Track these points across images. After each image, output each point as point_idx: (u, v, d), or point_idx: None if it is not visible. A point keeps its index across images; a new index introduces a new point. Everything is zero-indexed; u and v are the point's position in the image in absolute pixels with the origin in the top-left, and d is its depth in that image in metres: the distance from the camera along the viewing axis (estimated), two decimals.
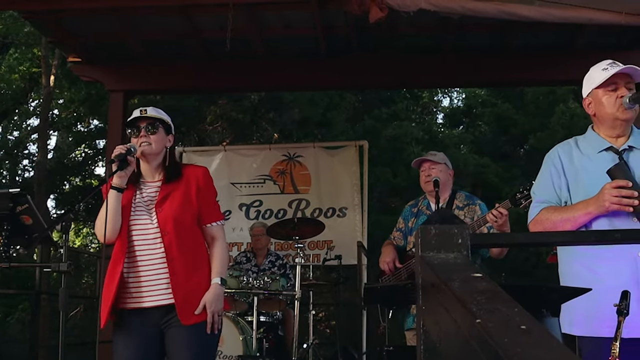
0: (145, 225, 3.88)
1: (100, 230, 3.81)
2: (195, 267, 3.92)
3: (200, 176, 4.03)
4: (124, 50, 8.58)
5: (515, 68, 8.53)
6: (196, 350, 3.84)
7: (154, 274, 3.85)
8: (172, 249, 3.83)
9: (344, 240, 9.54)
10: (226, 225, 9.61)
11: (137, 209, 3.91)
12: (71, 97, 16.21)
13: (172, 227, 3.84)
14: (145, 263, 3.85)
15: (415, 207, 5.84)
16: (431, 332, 1.82)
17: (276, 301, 7.60)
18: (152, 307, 3.84)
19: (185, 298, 3.80)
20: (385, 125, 17.58)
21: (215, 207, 4.13)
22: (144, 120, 3.97)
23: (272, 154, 10.27)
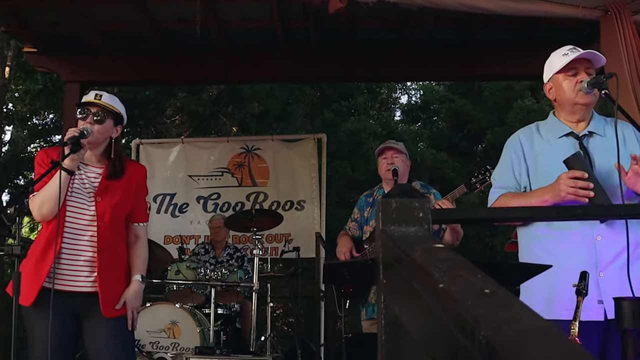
0: (82, 210, 3.85)
1: (40, 209, 3.75)
2: (119, 260, 3.96)
3: (141, 175, 4.10)
4: (80, 40, 8.44)
5: (475, 63, 8.54)
6: (120, 343, 3.87)
7: (79, 260, 3.83)
8: (104, 239, 3.84)
9: (302, 233, 9.53)
10: (183, 218, 9.71)
11: (74, 192, 3.85)
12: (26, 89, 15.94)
13: (109, 218, 3.84)
14: (73, 247, 3.82)
15: (371, 197, 5.85)
16: (392, 306, 1.80)
17: (234, 293, 7.54)
18: (74, 293, 3.81)
19: (109, 290, 3.83)
20: (344, 120, 17.56)
21: (145, 208, 4.18)
22: (95, 106, 3.92)
23: (230, 146, 10.22)
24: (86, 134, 3.76)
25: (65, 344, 3.80)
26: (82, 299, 3.80)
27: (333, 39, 8.34)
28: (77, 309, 3.83)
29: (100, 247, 3.83)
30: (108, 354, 3.82)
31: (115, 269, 3.88)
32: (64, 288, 3.77)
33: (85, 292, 3.80)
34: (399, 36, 8.25)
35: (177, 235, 9.54)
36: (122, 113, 4.03)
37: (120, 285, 3.89)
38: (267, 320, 7.78)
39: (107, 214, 3.83)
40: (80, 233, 3.82)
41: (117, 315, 3.84)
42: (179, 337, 6.93)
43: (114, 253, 3.89)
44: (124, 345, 3.93)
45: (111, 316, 3.80)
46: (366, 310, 5.61)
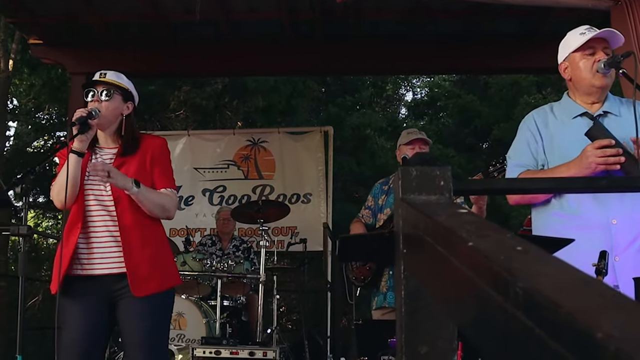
0: (100, 191, 3.75)
1: (58, 195, 3.67)
2: (149, 238, 3.80)
3: (157, 145, 3.90)
4: (86, 32, 8.42)
5: (482, 56, 8.49)
6: (150, 323, 3.73)
7: (106, 241, 3.72)
8: (125, 217, 3.71)
9: (308, 226, 9.48)
10: (189, 211, 9.66)
11: (91, 174, 3.76)
12: (31, 82, 15.90)
13: (126, 195, 3.70)
14: (99, 230, 3.72)
15: (386, 185, 5.79)
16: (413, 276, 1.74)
17: (240, 285, 7.49)
18: (103, 275, 3.71)
19: (136, 268, 3.67)
20: (349, 114, 17.52)
21: (167, 175, 3.92)
22: (100, 84, 3.84)
23: (236, 139, 10.17)
24: (94, 114, 3.67)
25: (97, 328, 3.72)
26: (111, 281, 3.70)
27: (340, 31, 8.29)
28: (108, 292, 3.72)
29: (123, 225, 3.71)
30: (140, 334, 3.70)
31: (142, 247, 3.73)
32: (92, 272, 3.69)
33: (113, 273, 3.69)
34: (405, 29, 8.19)
35: (183, 228, 9.47)
36: (131, 89, 3.94)
37: (149, 264, 3.72)
38: (274, 312, 7.69)
39: (122, 191, 3.71)
40: (101, 214, 3.73)
41: (148, 294, 3.68)
42: (184, 329, 6.89)
43: (139, 230, 3.74)
44: (157, 325, 3.78)
45: (141, 295, 3.65)
46: (377, 299, 5.54)
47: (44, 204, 18.20)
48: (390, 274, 5.44)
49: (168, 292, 3.85)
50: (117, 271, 3.68)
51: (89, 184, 3.76)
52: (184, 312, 6.93)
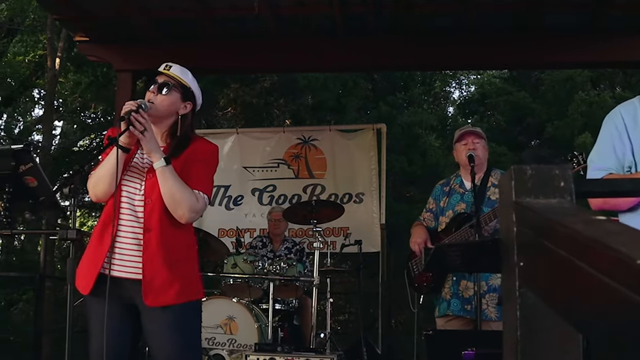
0: (135, 189, 3.51)
1: (94, 187, 3.46)
2: (175, 245, 3.51)
3: (206, 149, 3.62)
4: (132, 28, 8.24)
5: (538, 50, 8.11)
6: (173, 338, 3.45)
7: (128, 243, 3.47)
8: (152, 219, 3.45)
9: (361, 227, 9.20)
10: (238, 211, 9.44)
11: (130, 170, 3.53)
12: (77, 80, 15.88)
13: (158, 195, 3.44)
14: (128, 229, 3.47)
15: (447, 186, 5.50)
16: (529, 293, 1.46)
17: (293, 288, 7.26)
18: (124, 279, 3.45)
19: (153, 275, 3.41)
20: (400, 112, 17.23)
21: (205, 180, 3.60)
22: (162, 76, 3.61)
23: (287, 137, 9.92)
24: (144, 107, 3.43)
25: (122, 335, 3.49)
26: (131, 286, 3.44)
27: (391, 25, 8.03)
28: (129, 296, 3.47)
29: (147, 227, 3.45)
30: (165, 348, 3.44)
31: (165, 252, 3.45)
32: (119, 274, 3.44)
33: (132, 279, 3.44)
34: (457, 22, 7.91)
35: (233, 228, 9.24)
36: (194, 89, 3.68)
37: (169, 273, 3.43)
38: (327, 316, 7.51)
39: (155, 189, 3.46)
40: (133, 214, 3.48)
41: (164, 305, 3.40)
42: (235, 333, 6.70)
43: (165, 236, 3.47)
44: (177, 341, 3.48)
45: (154, 305, 3.39)
46: (440, 306, 5.26)
47: (91, 203, 18.16)
48: (453, 279, 5.17)
49: (192, 304, 3.56)
50: (136, 277, 3.44)
51: (126, 179, 3.52)
52: (235, 316, 6.75)
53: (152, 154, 3.40)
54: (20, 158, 3.12)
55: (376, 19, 7.83)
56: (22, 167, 3.13)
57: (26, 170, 3.16)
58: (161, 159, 3.39)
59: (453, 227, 5.18)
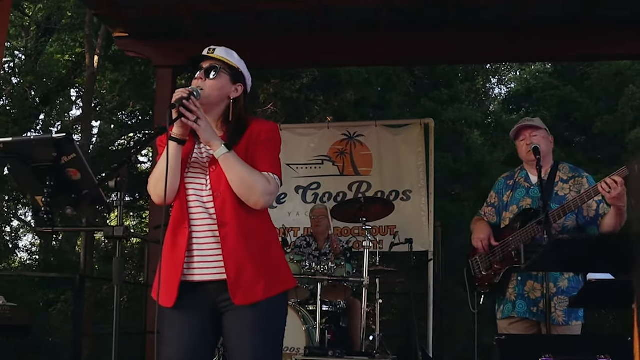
0: (201, 185, 3.25)
1: (155, 188, 3.20)
2: (255, 235, 3.24)
3: (265, 129, 3.35)
4: (172, 23, 8.18)
5: (588, 42, 7.95)
6: (263, 338, 3.17)
7: (206, 243, 3.21)
8: (225, 212, 3.18)
9: (408, 226, 8.91)
10: (281, 209, 9.18)
11: (192, 166, 3.28)
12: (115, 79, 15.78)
13: (226, 186, 3.18)
14: (200, 230, 3.21)
15: (511, 180, 5.16)
16: None
17: (341, 289, 7.07)
18: (205, 282, 3.20)
19: (239, 272, 3.14)
20: (445, 108, 16.94)
21: (271, 159, 3.34)
22: (207, 60, 3.33)
23: (331, 133, 9.65)
24: (196, 94, 3.16)
25: (200, 343, 3.24)
26: (214, 289, 3.20)
27: (438, 18, 7.87)
28: (211, 301, 3.22)
29: (222, 222, 3.19)
30: (247, 350, 3.16)
31: (246, 247, 3.19)
32: (201, 278, 3.20)
33: (215, 280, 3.18)
34: (507, 15, 7.76)
35: (277, 228, 8.97)
36: (242, 69, 3.40)
37: (255, 266, 3.18)
38: (376, 318, 7.32)
39: (222, 182, 3.20)
40: (205, 211, 3.23)
41: (255, 302, 3.15)
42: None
43: (243, 228, 3.20)
44: (271, 340, 3.24)
45: (245, 303, 3.13)
46: (504, 307, 4.92)
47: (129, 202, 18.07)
48: (519, 279, 4.84)
49: (280, 297, 3.29)
50: (219, 277, 3.17)
51: (190, 176, 3.27)
52: None
53: (211, 143, 3.16)
54: (63, 148, 2.84)
55: (424, 12, 7.70)
56: (64, 158, 2.86)
57: (69, 162, 2.88)
58: (222, 146, 3.14)
59: (518, 223, 4.86)
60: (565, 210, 4.61)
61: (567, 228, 4.77)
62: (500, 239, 4.93)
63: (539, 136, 4.97)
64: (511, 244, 4.81)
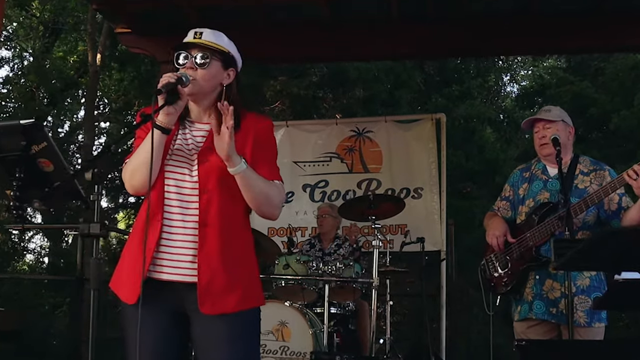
0: (183, 177, 3.00)
1: (131, 178, 2.96)
2: (235, 242, 3.03)
3: (263, 128, 3.14)
4: (176, 18, 7.92)
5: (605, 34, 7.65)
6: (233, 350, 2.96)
7: (179, 240, 2.97)
8: (210, 212, 2.95)
9: (420, 224, 8.63)
10: (289, 208, 8.93)
11: (175, 155, 3.02)
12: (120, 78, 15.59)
13: (215, 184, 2.96)
14: (174, 225, 2.97)
15: (528, 172, 4.89)
16: None
17: (349, 290, 6.79)
18: (175, 282, 2.96)
19: (211, 278, 2.92)
20: (456, 105, 16.68)
21: (273, 165, 3.17)
22: (195, 47, 3.06)
23: (339, 129, 9.37)
24: (185, 80, 2.92)
25: (169, 348, 3.00)
26: (183, 290, 2.96)
27: (451, 10, 7.64)
28: (178, 303, 2.98)
29: (204, 222, 2.94)
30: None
31: (224, 251, 2.95)
32: (169, 277, 2.96)
33: (185, 282, 2.95)
34: (522, 6, 7.50)
35: (283, 227, 8.77)
36: (233, 53, 3.15)
37: (229, 275, 2.95)
38: (387, 321, 7.08)
39: (212, 178, 2.96)
40: (183, 206, 2.98)
41: (222, 313, 2.92)
42: (288, 340, 6.26)
43: (224, 231, 2.97)
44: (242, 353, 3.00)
45: (212, 313, 2.91)
46: (521, 308, 4.64)
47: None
48: (536, 278, 4.56)
49: (252, 312, 3.09)
50: (190, 280, 2.94)
51: (170, 165, 3.01)
52: (287, 321, 6.30)
53: (231, 157, 2.90)
54: (32, 136, 2.57)
55: (435, 4, 7.46)
56: (34, 147, 2.59)
57: (40, 151, 2.61)
58: (242, 162, 2.91)
59: (536, 218, 4.58)
60: (587, 204, 4.34)
61: (588, 223, 4.51)
62: (516, 236, 4.66)
63: (552, 129, 4.71)
64: (529, 240, 4.54)
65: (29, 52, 18.35)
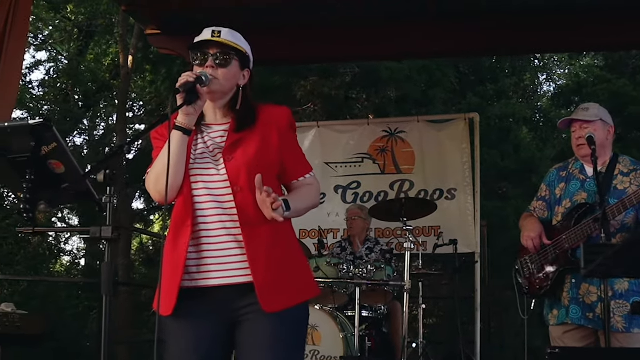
0: (210, 177, 2.91)
1: (156, 185, 2.87)
2: (279, 236, 2.94)
3: (283, 117, 3.06)
4: (206, 18, 7.78)
5: None
6: (285, 348, 2.87)
7: (221, 242, 2.88)
8: (248, 209, 2.84)
9: (453, 226, 8.46)
10: (320, 210, 8.83)
11: (198, 157, 2.93)
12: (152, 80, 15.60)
13: (246, 180, 2.85)
14: (212, 228, 2.88)
15: (565, 171, 4.74)
16: None
17: (381, 293, 6.74)
18: (221, 287, 2.87)
19: (267, 275, 2.82)
20: (491, 104, 16.50)
21: (302, 157, 3.17)
22: (214, 46, 2.96)
23: (371, 129, 9.22)
24: (204, 79, 2.83)
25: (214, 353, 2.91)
26: (233, 294, 2.87)
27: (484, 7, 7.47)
28: (227, 309, 2.88)
29: (244, 221, 2.85)
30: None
31: (271, 247, 2.88)
32: (206, 283, 2.87)
33: (236, 284, 2.86)
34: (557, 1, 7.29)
35: (315, 229, 8.64)
36: (249, 53, 3.07)
37: (280, 270, 2.88)
38: (420, 324, 6.97)
39: (242, 175, 2.86)
40: (215, 207, 2.89)
41: (280, 310, 2.84)
42: (318, 344, 6.21)
43: (267, 226, 2.87)
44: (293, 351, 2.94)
45: (273, 310, 2.81)
46: (558, 312, 4.49)
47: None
48: (573, 282, 4.41)
49: (303, 305, 3.01)
50: (242, 280, 2.85)
51: (196, 168, 2.91)
52: (317, 325, 6.25)
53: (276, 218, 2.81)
54: (41, 137, 2.49)
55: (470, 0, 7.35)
56: (44, 148, 2.50)
57: (50, 152, 2.52)
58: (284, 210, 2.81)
59: (572, 219, 4.43)
60: (625, 205, 4.17)
61: (626, 225, 4.35)
62: (552, 237, 4.51)
63: (589, 129, 4.56)
64: (565, 242, 4.40)
65: (63, 55, 18.49)
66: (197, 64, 2.97)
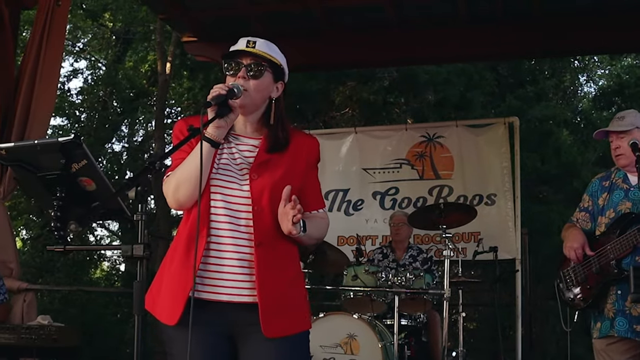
0: (232, 192, 2.86)
1: (175, 192, 2.83)
2: (287, 259, 2.94)
3: (313, 148, 3.04)
4: (243, 25, 7.97)
5: None
6: None
7: (236, 259, 2.83)
8: (264, 230, 2.82)
9: (493, 232, 8.36)
10: (358, 217, 8.79)
11: (221, 169, 2.88)
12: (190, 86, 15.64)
13: (268, 201, 2.82)
14: (225, 242, 2.83)
15: (607, 181, 4.61)
16: None
17: (420, 301, 6.60)
18: (226, 304, 2.83)
19: (272, 298, 2.80)
20: (531, 106, 16.32)
21: (320, 192, 3.14)
22: (248, 56, 2.90)
23: (409, 135, 9.16)
24: (237, 92, 2.77)
25: None
26: (238, 313, 2.82)
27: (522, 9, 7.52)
28: (231, 326, 2.85)
29: (259, 241, 2.81)
30: None
31: (280, 271, 2.86)
32: (214, 297, 2.82)
33: (242, 302, 2.81)
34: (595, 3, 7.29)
35: (353, 236, 8.57)
36: (283, 65, 3.00)
37: (286, 296, 2.85)
38: (459, 332, 6.78)
39: (265, 195, 2.82)
40: (234, 222, 2.84)
41: (284, 335, 2.80)
42: (357, 353, 6.09)
43: (279, 250, 2.86)
44: None
45: (275, 335, 2.78)
46: (601, 325, 4.37)
47: None
48: (618, 294, 4.28)
49: (305, 335, 3.01)
50: (247, 300, 2.81)
51: (218, 180, 2.87)
52: (356, 334, 6.12)
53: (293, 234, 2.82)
54: (71, 154, 2.44)
55: (506, 3, 7.34)
56: (74, 165, 2.46)
57: (80, 170, 2.48)
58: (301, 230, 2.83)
59: (617, 230, 4.30)
60: None
61: None
62: (595, 248, 4.39)
63: (626, 139, 4.42)
64: (609, 253, 4.27)
65: (101, 63, 18.63)
66: (230, 74, 2.92)
